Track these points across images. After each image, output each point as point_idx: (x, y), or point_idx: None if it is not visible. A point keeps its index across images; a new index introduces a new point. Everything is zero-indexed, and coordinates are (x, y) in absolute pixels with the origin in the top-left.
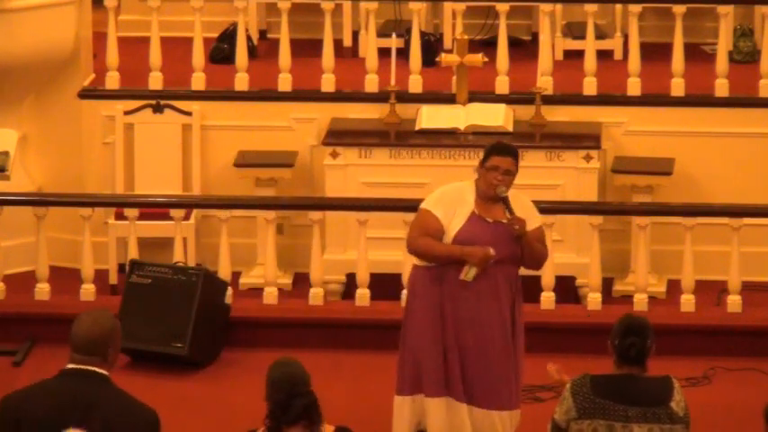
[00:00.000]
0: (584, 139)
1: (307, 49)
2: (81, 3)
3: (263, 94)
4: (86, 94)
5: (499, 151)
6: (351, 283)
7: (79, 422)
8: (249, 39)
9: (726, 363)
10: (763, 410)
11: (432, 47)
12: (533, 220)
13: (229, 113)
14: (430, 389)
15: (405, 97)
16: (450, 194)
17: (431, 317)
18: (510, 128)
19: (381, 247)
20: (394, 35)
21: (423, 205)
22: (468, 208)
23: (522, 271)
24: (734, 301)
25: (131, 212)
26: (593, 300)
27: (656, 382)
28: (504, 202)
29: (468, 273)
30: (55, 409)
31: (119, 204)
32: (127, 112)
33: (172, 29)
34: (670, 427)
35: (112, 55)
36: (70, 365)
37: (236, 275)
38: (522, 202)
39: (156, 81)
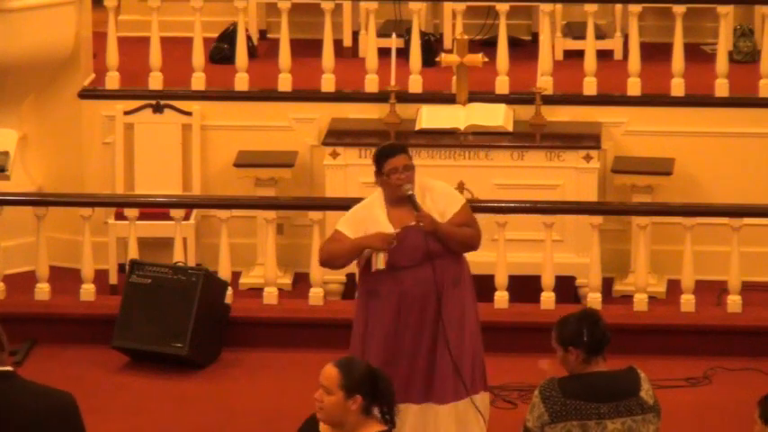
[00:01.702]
0: (584, 139)
1: (307, 49)
2: (81, 3)
3: (263, 94)
4: (86, 94)
5: (389, 153)
6: (351, 283)
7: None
8: (249, 39)
9: (726, 363)
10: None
11: (432, 47)
12: (453, 203)
13: (229, 113)
14: (411, 396)
15: (405, 97)
16: (361, 214)
17: (388, 327)
18: (510, 128)
19: None
20: (394, 35)
21: (336, 226)
22: (380, 227)
23: (523, 271)
24: (734, 301)
25: (131, 212)
26: (594, 300)
27: (623, 375)
28: (410, 200)
29: (378, 260)
30: None
31: (119, 204)
32: (127, 112)
33: (172, 29)
34: (642, 417)
35: (112, 55)
36: None
37: (236, 275)
38: (435, 191)
39: (156, 81)
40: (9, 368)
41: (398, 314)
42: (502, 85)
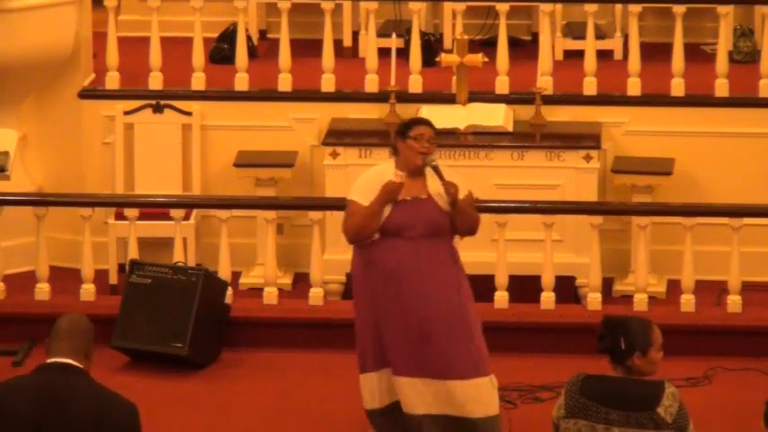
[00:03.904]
0: (584, 139)
1: (307, 49)
2: (81, 3)
3: (263, 94)
4: (86, 94)
5: (419, 122)
6: (351, 283)
7: (58, 415)
8: (249, 39)
9: (726, 363)
10: (763, 411)
11: (432, 47)
12: (461, 186)
13: (229, 113)
14: (401, 368)
15: (405, 97)
16: (373, 179)
17: (381, 298)
18: (510, 128)
19: None
20: (394, 35)
21: (348, 196)
22: None
23: (523, 271)
24: (734, 301)
25: (131, 212)
26: (594, 300)
27: (646, 387)
28: (435, 170)
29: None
30: (33, 402)
31: (119, 204)
32: (127, 112)
33: (172, 29)
34: None
35: (112, 55)
36: (50, 360)
37: (236, 275)
38: (446, 170)
39: (156, 81)
40: (79, 365)
41: (392, 284)
42: (502, 85)
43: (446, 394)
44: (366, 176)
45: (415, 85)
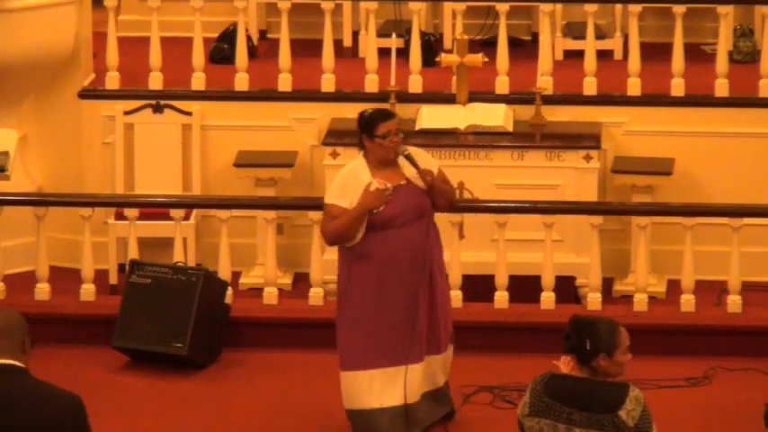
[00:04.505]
0: (584, 139)
1: (307, 49)
2: (81, 3)
3: (263, 94)
4: (86, 94)
5: (384, 117)
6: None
7: (7, 417)
8: (249, 39)
9: (726, 363)
10: (763, 413)
11: (432, 47)
12: (431, 164)
13: (229, 113)
14: (411, 355)
15: (405, 97)
16: (348, 180)
17: (376, 291)
18: (510, 128)
19: None
20: (394, 35)
21: (326, 200)
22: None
23: (523, 271)
24: (734, 301)
25: (131, 212)
26: (594, 300)
27: (610, 389)
28: (409, 159)
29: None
30: None
31: (119, 204)
32: (127, 112)
33: (172, 29)
34: None
35: (112, 55)
36: None
37: (236, 275)
38: (415, 153)
39: (156, 81)
40: (20, 364)
41: (388, 275)
42: (502, 85)
43: (432, 369)
44: (341, 178)
45: (415, 85)
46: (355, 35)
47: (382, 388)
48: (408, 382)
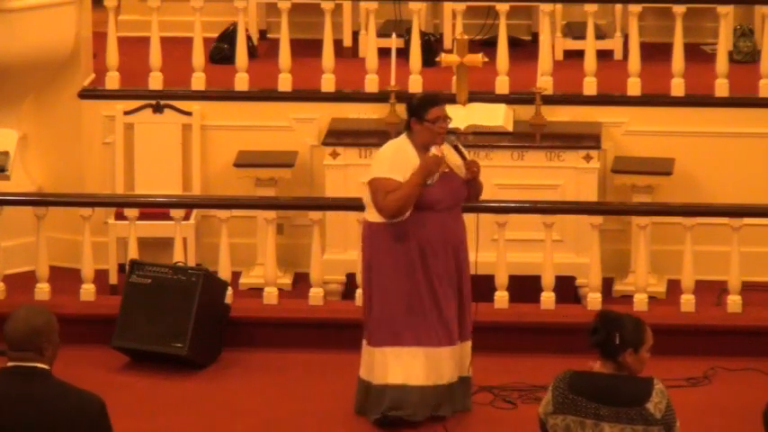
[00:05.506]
0: (584, 139)
1: (307, 49)
2: (81, 3)
3: (263, 94)
4: (86, 94)
5: (435, 102)
6: (351, 283)
7: (19, 418)
8: (249, 39)
9: (726, 363)
10: (762, 412)
11: (432, 47)
12: (470, 158)
13: (229, 113)
14: (445, 338)
15: (405, 97)
16: (399, 156)
17: (410, 271)
18: (510, 128)
19: None
20: (394, 35)
21: (378, 174)
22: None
23: (523, 271)
24: (734, 301)
25: (131, 212)
26: (593, 300)
27: (636, 383)
28: (457, 149)
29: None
30: (6, 414)
31: (119, 204)
32: (127, 112)
33: (172, 29)
34: (644, 428)
35: (112, 55)
36: (8, 364)
37: (236, 275)
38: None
39: (156, 81)
40: (43, 366)
41: (423, 257)
42: (502, 85)
43: (461, 355)
44: (388, 155)
45: (415, 85)
46: (355, 35)
47: (412, 365)
48: (441, 364)
